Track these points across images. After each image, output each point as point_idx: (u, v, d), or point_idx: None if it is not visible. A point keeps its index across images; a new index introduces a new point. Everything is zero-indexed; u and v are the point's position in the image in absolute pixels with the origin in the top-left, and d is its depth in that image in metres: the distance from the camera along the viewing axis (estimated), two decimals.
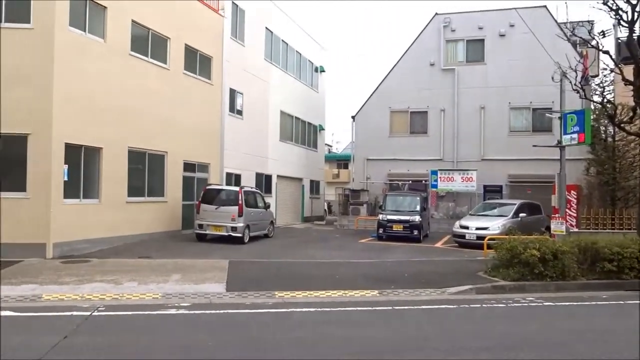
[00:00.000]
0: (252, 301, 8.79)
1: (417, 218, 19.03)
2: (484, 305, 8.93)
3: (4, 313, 7.61)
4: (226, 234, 16.35)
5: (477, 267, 12.15)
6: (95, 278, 10.21)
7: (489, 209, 19.50)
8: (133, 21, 15.36)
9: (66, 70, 12.93)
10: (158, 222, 16.74)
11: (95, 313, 7.70)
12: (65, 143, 12.97)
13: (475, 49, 25.76)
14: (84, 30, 13.68)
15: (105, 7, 14.24)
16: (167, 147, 17.01)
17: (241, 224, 16.42)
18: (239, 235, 16.37)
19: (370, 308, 8.52)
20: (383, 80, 26.96)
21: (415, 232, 18.84)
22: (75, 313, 7.65)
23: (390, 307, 8.58)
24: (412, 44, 26.59)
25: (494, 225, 17.37)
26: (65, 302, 8.41)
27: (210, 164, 19.72)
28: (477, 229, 17.35)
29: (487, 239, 14.52)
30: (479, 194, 23.98)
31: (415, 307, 8.68)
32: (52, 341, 6.11)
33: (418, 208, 19.49)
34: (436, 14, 26.26)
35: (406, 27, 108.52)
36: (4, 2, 12.61)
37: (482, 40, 25.58)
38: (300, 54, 29.76)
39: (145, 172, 16.22)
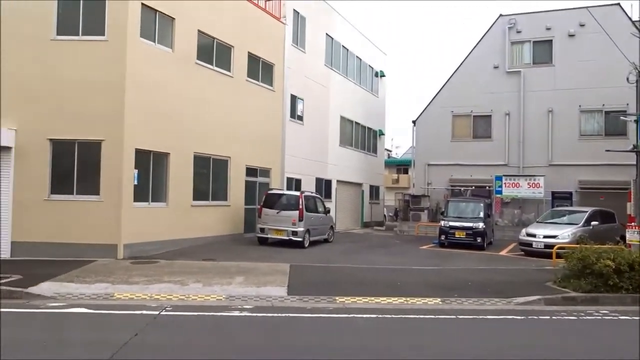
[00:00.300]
0: (313, 305, 8.83)
1: (481, 225, 18.53)
2: (554, 317, 8.55)
3: (80, 310, 8.02)
4: (287, 238, 16.55)
5: (545, 277, 11.68)
6: (163, 279, 10.58)
7: (557, 216, 18.71)
8: (199, 31, 15.87)
9: (137, 79, 13.52)
10: (221, 225, 17.16)
11: (163, 312, 7.97)
12: (136, 149, 13.55)
13: (543, 50, 24.85)
14: (154, 41, 14.26)
15: (173, 18, 14.80)
16: (230, 153, 17.43)
17: (301, 229, 16.57)
18: (300, 239, 16.52)
19: (433, 316, 8.36)
20: (445, 84, 26.50)
21: (479, 240, 18.35)
22: (144, 312, 7.96)
23: (454, 316, 8.38)
24: (475, 47, 26.01)
25: (563, 233, 16.64)
26: (135, 301, 8.77)
27: (272, 169, 20.04)
28: (545, 237, 16.67)
29: (556, 247, 13.93)
30: (546, 201, 23.07)
31: (481, 316, 8.43)
32: (124, 338, 6.37)
33: (482, 215, 18.98)
34: (500, 15, 25.56)
35: (469, 29, 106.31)
36: (81, 16, 13.35)
37: (550, 41, 24.64)
38: (361, 59, 29.76)
39: (209, 177, 16.69)
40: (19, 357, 5.64)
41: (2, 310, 7.87)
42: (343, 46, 27.31)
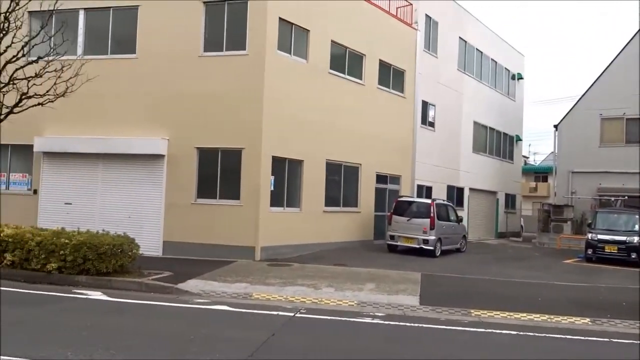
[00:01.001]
0: (447, 317, 8.54)
1: (636, 239, 16.68)
2: None
3: (222, 307, 8.54)
4: (417, 246, 16.26)
5: None
6: (297, 282, 10.92)
7: None
8: (332, 41, 16.26)
9: (274, 90, 14.19)
10: (352, 231, 17.35)
11: (298, 315, 8.21)
12: (272, 156, 14.20)
13: None
14: (290, 53, 14.87)
15: (308, 30, 15.33)
16: (361, 160, 17.58)
17: (433, 237, 16.18)
18: (431, 248, 16.14)
19: (582, 337, 7.64)
20: (592, 85, 24.34)
21: (634, 255, 16.52)
22: (280, 313, 8.26)
23: (608, 339, 7.59)
24: (628, 43, 23.56)
25: None
26: (271, 302, 9.14)
27: (402, 176, 19.85)
28: None
29: None
30: None
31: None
32: (262, 337, 6.65)
33: (637, 228, 17.08)
34: None
35: (616, 25, 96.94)
36: (225, 33, 14.34)
37: None
38: (496, 62, 28.45)
39: (340, 184, 16.98)
40: (170, 348, 6.13)
41: (156, 303, 8.66)
42: (477, 49, 26.31)
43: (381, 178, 18.82)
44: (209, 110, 14.18)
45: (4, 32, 12.03)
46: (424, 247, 16.18)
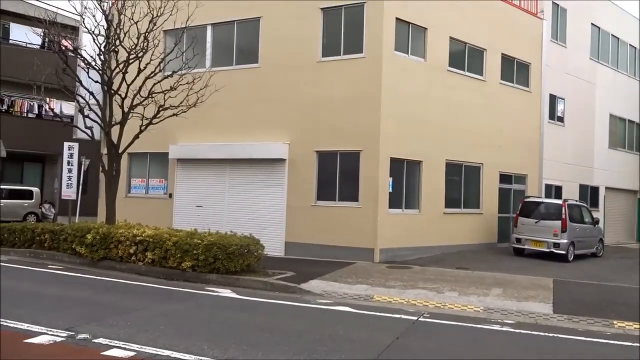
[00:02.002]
0: (585, 328, 7.88)
1: None
2: None
3: (344, 308, 8.62)
4: (547, 250, 15.22)
5: None
6: (418, 285, 10.72)
7: None
8: (451, 38, 15.78)
9: (391, 91, 14.08)
10: (473, 233, 16.69)
11: (421, 319, 8.04)
12: (390, 157, 14.10)
13: None
14: (407, 53, 14.68)
15: (425, 29, 15.03)
16: (482, 159, 16.86)
17: (565, 240, 15.05)
18: (562, 252, 15.03)
19: None
20: None
21: None
22: (403, 316, 8.15)
23: None
24: None
25: None
26: (392, 305, 9.05)
27: (528, 175, 18.72)
28: None
29: None
30: None
31: None
32: (387, 340, 6.59)
33: None
34: None
35: None
36: (342, 37, 14.52)
37: None
38: (635, 48, 25.81)
39: (461, 184, 16.40)
40: (298, 347, 6.29)
41: (281, 302, 8.97)
42: (612, 35, 24.05)
43: (505, 178, 17.88)
44: (328, 113, 14.43)
45: (143, 50, 13.24)
46: (554, 251, 15.10)
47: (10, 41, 26.00)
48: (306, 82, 14.81)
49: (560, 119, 20.86)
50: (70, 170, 18.08)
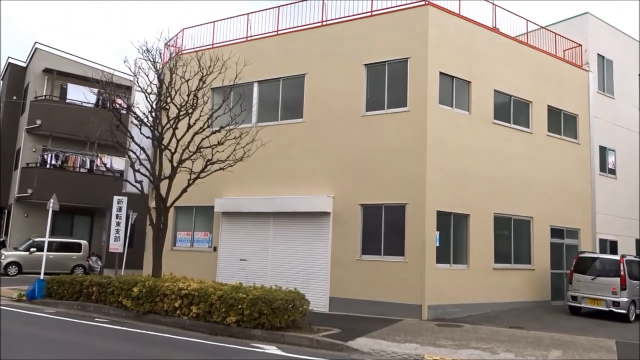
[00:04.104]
0: None
1: None
2: None
3: None
4: (606, 308, 14.39)
5: None
6: (470, 344, 10.22)
7: None
8: (495, 90, 15.72)
9: (437, 144, 13.99)
10: (525, 290, 15.98)
11: None
12: (437, 211, 13.83)
13: None
14: (451, 106, 14.65)
15: (469, 82, 15.03)
16: (532, 212, 16.35)
17: (625, 299, 14.21)
18: (623, 311, 14.16)
19: None
20: None
21: None
22: None
23: None
24: None
25: None
26: None
27: (580, 229, 17.99)
28: None
29: None
30: None
31: None
32: None
33: None
34: None
35: None
36: (386, 92, 14.66)
37: None
38: None
39: (511, 238, 15.87)
40: None
41: None
42: None
43: (556, 232, 17.23)
44: (372, 167, 14.40)
45: (193, 107, 13.69)
46: (614, 309, 14.26)
47: (67, 100, 27.46)
48: (350, 136, 14.91)
49: (612, 171, 20.19)
50: (118, 224, 18.51)
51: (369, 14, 15.34)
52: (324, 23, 16.16)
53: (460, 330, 11.74)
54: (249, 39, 17.43)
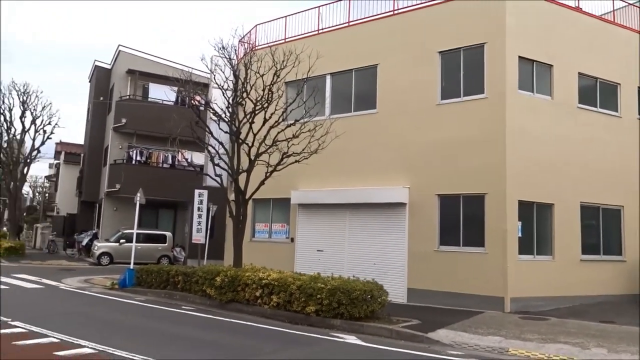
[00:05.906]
0: None
1: None
2: None
3: None
4: None
5: None
6: (558, 338, 9.81)
7: None
8: (579, 73, 14.88)
9: (517, 131, 13.48)
10: (615, 283, 15.09)
11: None
12: (518, 200, 13.34)
13: None
14: (532, 91, 14.05)
15: (551, 65, 14.33)
16: (622, 201, 15.39)
17: None
18: None
19: None
20: None
21: None
22: None
23: None
24: None
25: None
26: None
27: None
28: None
29: None
30: None
31: None
32: None
33: None
34: None
35: None
36: (462, 79, 14.29)
37: None
38: None
39: (599, 229, 15.03)
40: None
41: (410, 351, 8.62)
42: None
43: None
44: (449, 156, 14.11)
45: (268, 102, 13.98)
46: None
47: (149, 99, 28.88)
48: (425, 126, 14.67)
49: None
50: (200, 216, 19.29)
51: (441, 0, 14.99)
52: (395, 12, 15.96)
53: (546, 324, 11.30)
54: (320, 32, 17.53)
